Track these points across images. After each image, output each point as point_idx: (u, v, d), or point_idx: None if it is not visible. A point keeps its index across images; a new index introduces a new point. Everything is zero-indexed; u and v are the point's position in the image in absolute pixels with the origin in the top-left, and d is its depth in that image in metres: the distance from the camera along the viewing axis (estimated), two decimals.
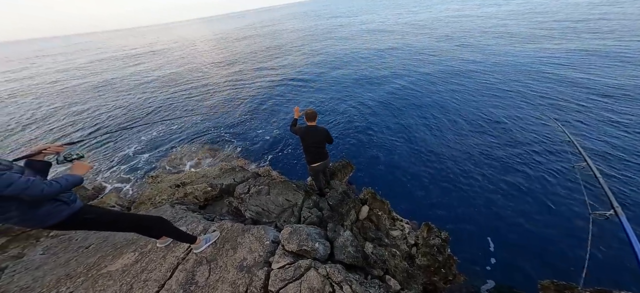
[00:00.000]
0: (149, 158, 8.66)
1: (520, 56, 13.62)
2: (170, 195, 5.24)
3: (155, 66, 26.31)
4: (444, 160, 6.55)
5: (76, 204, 1.93)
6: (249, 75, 17.71)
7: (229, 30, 66.03)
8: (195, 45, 41.05)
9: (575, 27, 17.85)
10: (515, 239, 4.42)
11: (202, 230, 3.15)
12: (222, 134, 9.75)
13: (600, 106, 7.82)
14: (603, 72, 10.15)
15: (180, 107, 13.45)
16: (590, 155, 5.57)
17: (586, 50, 12.98)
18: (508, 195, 5.27)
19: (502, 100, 9.31)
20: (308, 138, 3.73)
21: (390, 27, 30.33)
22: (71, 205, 1.88)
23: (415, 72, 13.55)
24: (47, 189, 1.61)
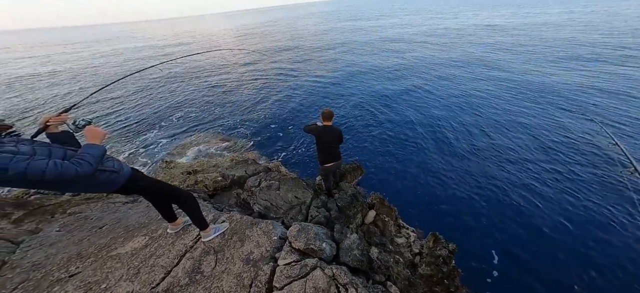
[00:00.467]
0: (166, 144, 8.96)
1: (541, 74, 13.09)
2: (182, 182, 5.38)
3: (178, 57, 26.97)
4: (456, 171, 6.41)
5: (124, 171, 2.04)
6: (267, 71, 17.91)
7: (252, 24, 66.60)
8: (217, 39, 41.72)
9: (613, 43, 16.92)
10: (521, 257, 4.31)
11: (212, 220, 3.22)
12: (237, 126, 9.96)
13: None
14: None
15: (199, 97, 13.85)
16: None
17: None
18: (521, 211, 5.12)
19: (535, 111, 8.96)
20: (323, 137, 3.76)
21: (413, 33, 29.78)
22: (121, 172, 2.00)
23: (434, 81, 13.27)
24: (81, 170, 1.62)
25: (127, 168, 2.09)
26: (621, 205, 4.95)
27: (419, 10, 59.15)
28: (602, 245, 4.29)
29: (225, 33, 49.84)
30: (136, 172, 2.19)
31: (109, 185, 1.95)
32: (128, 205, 3.69)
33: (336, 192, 4.23)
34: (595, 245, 4.29)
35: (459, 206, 5.41)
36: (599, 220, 4.73)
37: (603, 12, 29.18)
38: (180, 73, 20.15)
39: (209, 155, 7.81)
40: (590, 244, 4.34)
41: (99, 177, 1.87)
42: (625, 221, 4.66)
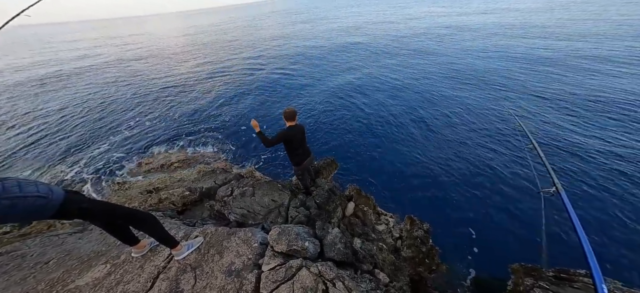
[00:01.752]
0: (115, 162, 7.93)
1: (491, 52, 14.77)
2: (142, 202, 4.86)
3: (122, 59, 24.31)
4: (420, 154, 6.86)
5: (55, 195, 1.78)
6: (226, 73, 17.02)
7: (205, 25, 62.99)
8: (168, 40, 38.54)
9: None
10: (487, 224, 4.76)
11: (184, 237, 2.95)
12: (200, 134, 9.26)
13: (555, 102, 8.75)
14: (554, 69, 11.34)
15: (151, 105, 12.47)
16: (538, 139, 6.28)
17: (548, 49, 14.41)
18: (475, 184, 5.67)
19: (469, 92, 10.02)
20: (293, 138, 3.65)
21: (369, 24, 31.11)
22: (50, 197, 1.74)
23: (389, 68, 14.02)
24: None
25: (59, 191, 1.83)
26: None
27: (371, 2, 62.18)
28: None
29: (173, 34, 46.24)
30: (74, 195, 1.95)
31: (35, 213, 1.71)
32: (76, 236, 3.20)
33: (314, 189, 4.20)
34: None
35: (428, 186, 5.78)
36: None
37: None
38: (122, 77, 18.23)
39: (171, 170, 7.18)
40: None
41: (20, 204, 1.61)
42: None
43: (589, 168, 5.65)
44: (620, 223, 4.49)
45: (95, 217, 2.06)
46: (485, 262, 4.10)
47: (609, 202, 4.86)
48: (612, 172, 5.52)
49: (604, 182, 5.30)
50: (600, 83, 9.58)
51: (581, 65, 11.60)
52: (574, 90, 9.32)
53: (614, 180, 5.32)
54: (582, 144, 6.45)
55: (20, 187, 1.65)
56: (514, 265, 3.65)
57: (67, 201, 1.82)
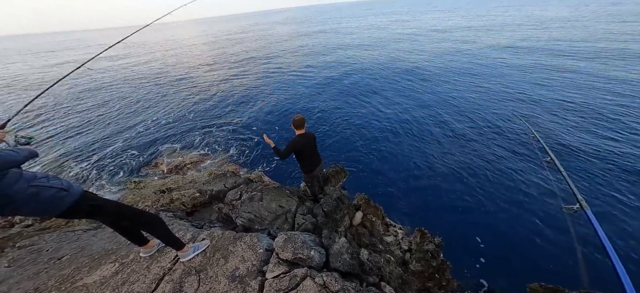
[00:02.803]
0: (131, 162, 8.23)
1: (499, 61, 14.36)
2: (155, 202, 4.98)
3: (143, 62, 25.51)
4: (432, 165, 6.66)
5: (74, 190, 1.87)
6: (243, 79, 17.42)
7: (223, 30, 65.14)
8: (188, 46, 40.09)
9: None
10: (503, 240, 4.51)
11: (191, 239, 2.98)
12: (212, 137, 9.47)
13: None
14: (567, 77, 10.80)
15: (167, 107, 12.90)
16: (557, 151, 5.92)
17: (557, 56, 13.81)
18: (493, 197, 5.40)
19: (481, 102, 9.70)
20: (303, 147, 3.64)
21: (383, 34, 31.08)
22: (70, 191, 1.83)
23: (404, 79, 13.84)
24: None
25: (78, 187, 1.93)
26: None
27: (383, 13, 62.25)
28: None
29: (192, 40, 47.87)
30: (88, 193, 2.03)
31: (56, 205, 1.77)
32: (90, 233, 3.31)
33: (322, 196, 4.15)
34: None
35: (439, 198, 5.58)
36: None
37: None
38: (135, 77, 18.99)
39: (183, 171, 7.36)
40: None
41: (44, 194, 1.70)
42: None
43: (615, 183, 5.27)
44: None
45: (104, 216, 2.12)
46: (500, 279, 3.88)
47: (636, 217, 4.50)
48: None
49: (631, 198, 4.92)
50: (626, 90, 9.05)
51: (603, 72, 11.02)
52: (596, 99, 8.84)
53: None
54: (604, 156, 6.06)
55: (48, 178, 1.78)
56: (532, 284, 3.44)
57: (82, 197, 1.90)
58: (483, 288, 3.77)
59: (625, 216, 4.60)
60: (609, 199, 4.95)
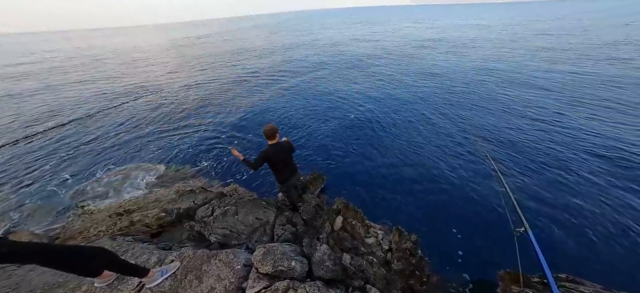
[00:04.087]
0: (75, 184, 7.21)
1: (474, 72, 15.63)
2: (111, 226, 4.41)
3: (96, 70, 23.11)
4: (403, 167, 6.95)
5: None
6: (211, 87, 16.50)
7: (191, 36, 61.79)
8: (145, 52, 37.24)
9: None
10: (473, 234, 4.80)
11: (157, 262, 2.68)
12: (175, 148, 8.75)
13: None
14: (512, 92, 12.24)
15: (122, 119, 11.58)
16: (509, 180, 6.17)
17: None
18: (457, 196, 5.76)
19: (446, 118, 10.31)
20: (276, 157, 3.52)
21: (354, 39, 32.23)
22: None
23: (374, 83, 14.40)
24: None
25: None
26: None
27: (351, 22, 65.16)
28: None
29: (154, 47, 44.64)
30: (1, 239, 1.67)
31: None
32: (27, 268, 2.80)
33: (301, 204, 4.05)
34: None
35: (415, 197, 5.81)
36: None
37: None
38: (84, 87, 17.02)
39: (144, 189, 6.69)
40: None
41: None
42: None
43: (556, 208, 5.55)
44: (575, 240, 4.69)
45: (21, 261, 1.74)
46: (473, 270, 4.09)
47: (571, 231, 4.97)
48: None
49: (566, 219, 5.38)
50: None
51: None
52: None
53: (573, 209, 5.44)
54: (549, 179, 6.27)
55: None
56: (500, 272, 3.68)
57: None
58: (459, 279, 3.94)
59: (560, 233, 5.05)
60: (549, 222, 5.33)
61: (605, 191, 5.71)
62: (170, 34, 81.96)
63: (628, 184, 5.87)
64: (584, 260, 4.38)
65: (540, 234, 4.80)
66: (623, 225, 4.89)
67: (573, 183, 6.04)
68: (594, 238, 4.74)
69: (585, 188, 5.87)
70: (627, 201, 5.42)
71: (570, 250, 4.57)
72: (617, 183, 5.92)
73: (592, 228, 4.92)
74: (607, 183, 5.95)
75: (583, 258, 4.42)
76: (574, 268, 3.89)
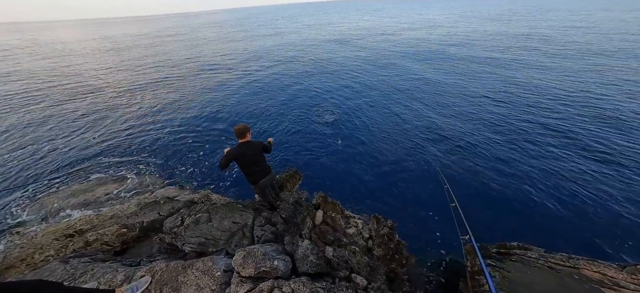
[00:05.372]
0: (12, 206, 6.18)
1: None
2: (61, 249, 3.86)
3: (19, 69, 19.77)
4: (372, 156, 7.27)
5: None
6: (166, 86, 15.17)
7: (135, 34, 55.81)
8: (84, 51, 32.76)
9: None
10: (441, 216, 5.20)
11: (124, 280, 2.41)
12: (133, 159, 7.87)
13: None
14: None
15: (62, 128, 10.08)
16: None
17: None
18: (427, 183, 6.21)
19: (407, 111, 10.85)
20: (245, 157, 3.40)
21: (313, 35, 32.36)
22: None
23: (351, 81, 14.62)
24: None
25: None
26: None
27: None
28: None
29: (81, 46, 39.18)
30: None
31: None
32: None
33: (279, 203, 3.97)
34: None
35: (386, 184, 6.11)
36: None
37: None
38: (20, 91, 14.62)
39: (97, 206, 5.97)
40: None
41: None
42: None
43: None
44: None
45: None
46: (445, 247, 4.45)
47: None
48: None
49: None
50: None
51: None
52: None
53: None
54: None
55: None
56: (467, 246, 4.06)
57: None
58: (434, 257, 4.26)
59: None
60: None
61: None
62: (101, 32, 72.89)
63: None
64: (526, 228, 5.01)
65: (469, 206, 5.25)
66: (555, 192, 5.71)
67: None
68: (532, 207, 5.45)
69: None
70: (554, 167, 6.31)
71: (509, 222, 5.19)
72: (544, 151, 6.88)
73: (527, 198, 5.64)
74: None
75: (525, 227, 5.05)
76: (520, 237, 4.45)
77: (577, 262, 3.62)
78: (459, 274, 3.64)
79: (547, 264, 3.70)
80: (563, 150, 7.03)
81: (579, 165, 6.44)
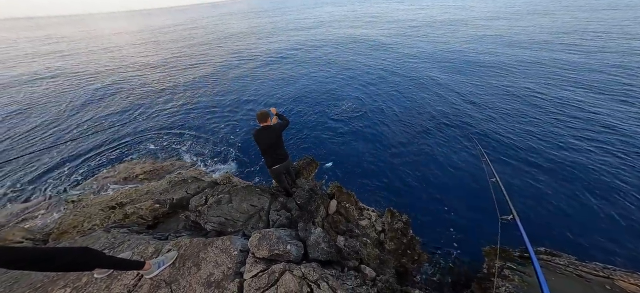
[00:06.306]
0: (67, 178, 7.10)
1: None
2: (105, 219, 4.39)
3: (72, 61, 22.04)
4: (395, 153, 7.09)
5: None
6: (195, 77, 16.05)
7: (168, 24, 59.02)
8: (122, 40, 35.46)
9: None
10: (460, 214, 5.02)
11: (154, 253, 2.70)
12: (165, 141, 8.63)
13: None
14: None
15: (107, 112, 11.31)
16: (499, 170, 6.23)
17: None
18: (446, 180, 5.94)
19: (442, 105, 10.15)
20: (262, 141, 3.54)
21: (344, 21, 31.54)
22: None
23: (375, 71, 14.26)
24: None
25: None
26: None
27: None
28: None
29: (120, 36, 42.23)
30: None
31: None
32: None
33: (295, 190, 4.11)
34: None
35: (405, 180, 5.98)
36: None
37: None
38: (63, 80, 16.28)
39: (136, 182, 6.61)
40: None
41: None
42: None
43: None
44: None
45: (8, 266, 1.61)
46: (461, 247, 4.33)
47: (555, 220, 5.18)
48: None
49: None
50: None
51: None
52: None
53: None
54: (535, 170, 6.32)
55: None
56: (486, 248, 3.90)
57: None
58: (448, 256, 4.17)
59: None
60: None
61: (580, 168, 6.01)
62: (142, 22, 77.48)
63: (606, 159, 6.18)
64: (559, 234, 4.68)
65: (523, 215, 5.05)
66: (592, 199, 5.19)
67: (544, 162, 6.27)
68: (567, 213, 5.03)
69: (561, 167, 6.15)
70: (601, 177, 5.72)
71: (546, 224, 4.85)
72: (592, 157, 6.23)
73: (566, 203, 5.20)
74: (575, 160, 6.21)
75: (559, 232, 4.71)
76: (550, 242, 4.16)
77: (613, 272, 3.34)
78: (473, 275, 3.54)
79: (576, 272, 3.46)
80: (620, 150, 6.22)
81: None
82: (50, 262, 1.74)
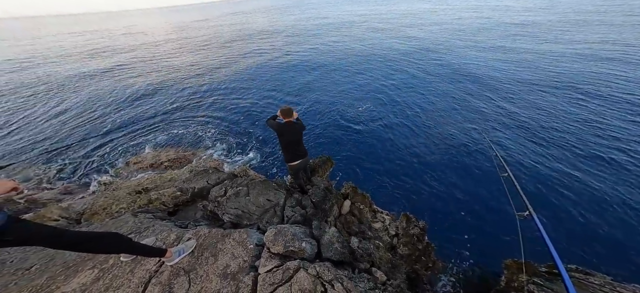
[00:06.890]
0: (99, 164, 7.66)
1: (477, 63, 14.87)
2: (131, 203, 4.68)
3: (107, 54, 23.51)
4: (413, 155, 6.90)
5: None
6: (222, 71, 16.57)
7: (198, 20, 61.17)
8: (154, 36, 37.30)
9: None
10: (479, 223, 4.82)
11: (175, 240, 2.85)
12: (189, 133, 9.05)
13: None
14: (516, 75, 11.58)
15: (136, 102, 12.08)
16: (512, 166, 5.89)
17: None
18: (466, 187, 5.69)
19: (454, 112, 9.48)
20: (286, 136, 3.61)
21: (371, 20, 31.03)
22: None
23: (392, 70, 13.99)
24: None
25: (2, 215, 1.61)
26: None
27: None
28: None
29: (155, 31, 44.30)
30: (18, 222, 1.69)
31: None
32: None
33: (310, 187, 4.15)
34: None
35: (423, 186, 5.82)
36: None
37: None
38: (96, 72, 17.45)
39: (161, 169, 6.98)
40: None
41: None
42: None
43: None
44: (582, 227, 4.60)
45: (37, 244, 1.77)
46: (478, 258, 4.17)
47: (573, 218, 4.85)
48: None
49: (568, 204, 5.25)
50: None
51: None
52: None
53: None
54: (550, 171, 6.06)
55: None
56: (507, 260, 3.71)
57: (7, 227, 1.58)
58: (464, 266, 4.03)
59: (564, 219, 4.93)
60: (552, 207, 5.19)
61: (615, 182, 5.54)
62: (174, 18, 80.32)
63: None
64: (592, 252, 4.36)
65: (543, 221, 4.76)
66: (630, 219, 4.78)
67: (578, 170, 5.86)
68: (604, 229, 4.67)
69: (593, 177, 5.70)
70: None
71: (579, 241, 4.53)
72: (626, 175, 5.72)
73: (600, 218, 4.82)
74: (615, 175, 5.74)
75: (592, 249, 4.40)
76: (582, 260, 3.89)
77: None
78: (489, 288, 3.39)
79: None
80: None
81: None
82: (84, 244, 1.90)
